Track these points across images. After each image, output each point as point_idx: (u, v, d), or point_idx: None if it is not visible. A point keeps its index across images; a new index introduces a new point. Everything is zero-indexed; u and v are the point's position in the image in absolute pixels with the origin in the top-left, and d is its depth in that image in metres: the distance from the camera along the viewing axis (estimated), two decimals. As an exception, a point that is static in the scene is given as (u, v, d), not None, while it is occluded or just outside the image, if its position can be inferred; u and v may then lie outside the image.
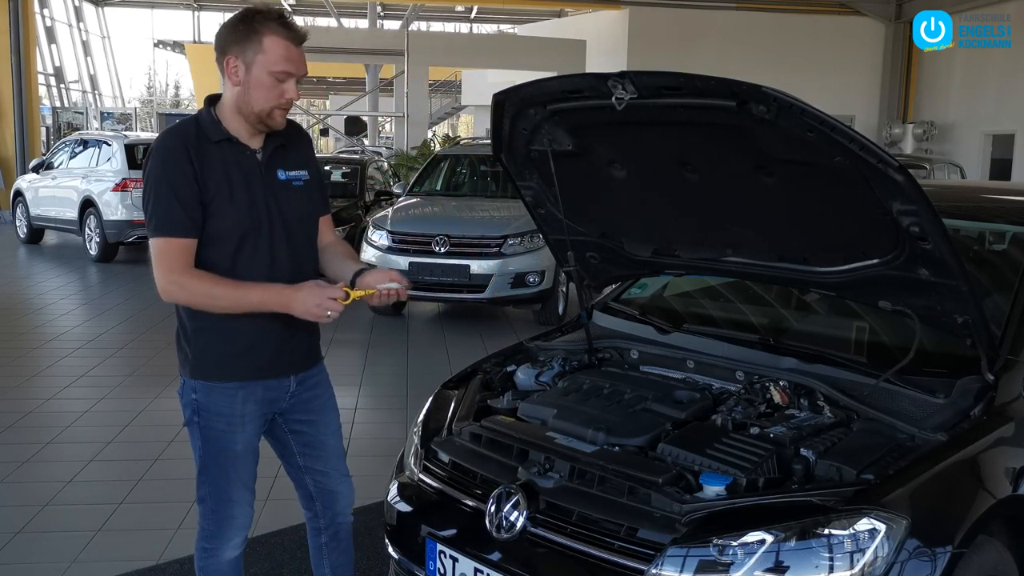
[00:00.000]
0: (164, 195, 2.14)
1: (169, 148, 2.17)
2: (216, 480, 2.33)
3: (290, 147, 2.34)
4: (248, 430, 2.33)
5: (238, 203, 2.20)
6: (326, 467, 2.51)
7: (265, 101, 2.18)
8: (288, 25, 2.18)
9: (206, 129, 2.21)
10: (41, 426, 5.01)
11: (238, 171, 2.22)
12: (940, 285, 2.17)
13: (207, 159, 2.18)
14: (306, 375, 2.42)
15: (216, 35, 2.22)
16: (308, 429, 2.46)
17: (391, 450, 2.73)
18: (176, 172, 2.14)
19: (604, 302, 3.24)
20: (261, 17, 2.16)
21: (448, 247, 7.60)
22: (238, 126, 2.23)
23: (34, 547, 3.52)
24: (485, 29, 35.25)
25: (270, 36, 2.15)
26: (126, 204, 11.22)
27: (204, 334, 2.27)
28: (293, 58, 2.18)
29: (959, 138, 19.54)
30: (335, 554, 2.60)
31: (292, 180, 2.31)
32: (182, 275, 2.16)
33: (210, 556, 2.38)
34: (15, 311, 8.58)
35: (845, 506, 1.89)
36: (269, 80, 2.16)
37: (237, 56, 2.16)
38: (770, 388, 2.48)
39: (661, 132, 2.29)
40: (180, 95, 52.09)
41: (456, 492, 2.35)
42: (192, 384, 2.30)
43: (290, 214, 2.30)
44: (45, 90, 23.45)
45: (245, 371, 2.29)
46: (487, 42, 27.97)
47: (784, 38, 20.77)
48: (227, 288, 2.17)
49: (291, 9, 29.57)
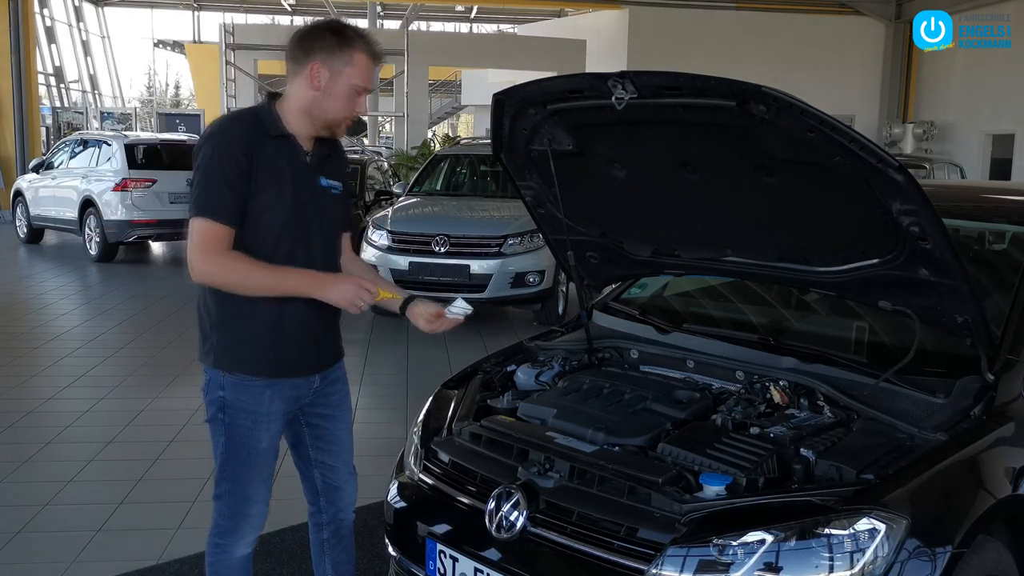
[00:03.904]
0: (216, 180, 2.17)
1: (228, 136, 2.21)
2: (237, 477, 2.35)
3: (333, 157, 2.42)
4: (272, 428, 2.36)
5: (284, 200, 2.25)
6: (336, 462, 2.54)
7: (340, 111, 2.28)
8: (374, 44, 2.30)
9: (265, 123, 2.26)
10: (41, 426, 5.01)
11: (289, 169, 2.27)
12: (940, 285, 2.17)
13: (263, 152, 2.22)
14: (329, 371, 2.47)
15: (296, 38, 2.28)
16: (324, 423, 2.50)
17: (391, 450, 2.73)
18: (231, 161, 2.18)
19: (604, 302, 3.24)
20: (353, 32, 2.26)
21: (448, 247, 7.60)
22: (299, 127, 2.29)
23: (34, 547, 3.52)
24: (485, 29, 35.25)
25: (359, 52, 2.25)
26: (126, 204, 11.23)
27: (230, 324, 2.29)
28: (371, 75, 2.30)
29: (959, 138, 19.54)
30: (336, 551, 2.61)
31: (331, 188, 2.38)
32: (220, 255, 2.18)
33: (222, 552, 2.40)
34: (15, 311, 8.58)
35: (845, 506, 1.89)
36: (349, 92, 2.26)
37: (323, 63, 2.23)
38: (770, 388, 2.48)
39: (661, 132, 2.29)
40: (180, 95, 52.05)
41: (456, 492, 2.35)
42: (220, 381, 2.30)
43: (327, 219, 2.37)
44: (45, 90, 23.44)
45: (270, 367, 2.30)
46: (487, 42, 28.00)
47: (784, 38, 20.78)
48: (265, 269, 2.21)
49: (291, 9, 29.60)
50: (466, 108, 35.53)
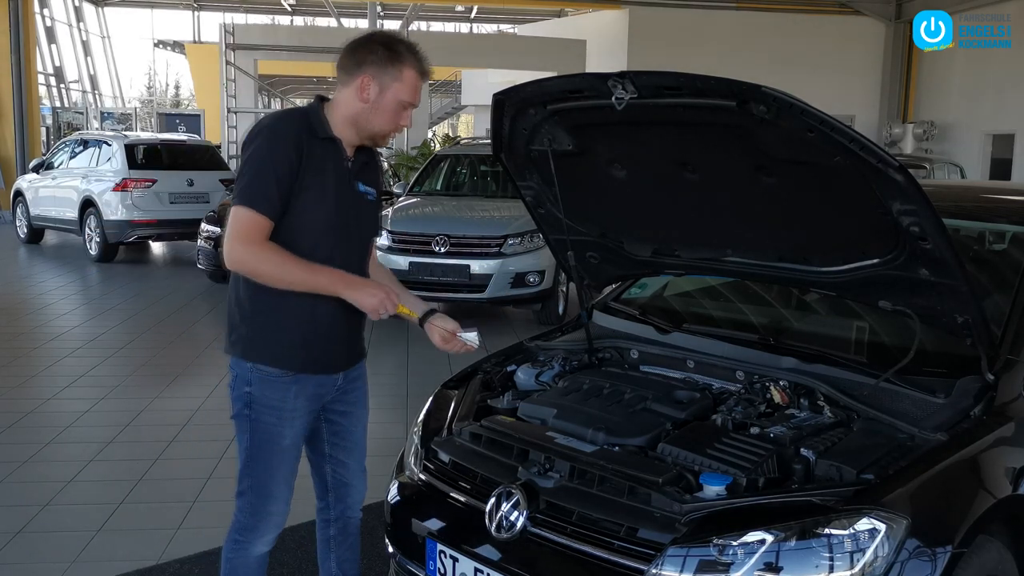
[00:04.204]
0: (266, 173, 2.20)
1: (282, 132, 2.25)
2: (260, 474, 2.38)
3: (371, 165, 2.47)
4: (296, 425, 2.38)
5: (326, 201, 2.28)
6: (348, 459, 2.57)
7: (386, 124, 2.34)
8: (423, 60, 2.34)
9: (314, 124, 2.30)
10: (41, 426, 5.01)
11: (333, 172, 2.31)
12: (940, 285, 2.17)
13: (311, 152, 2.25)
14: (351, 369, 2.50)
15: (349, 49, 2.32)
16: (342, 420, 2.53)
17: (391, 450, 2.74)
18: (282, 157, 2.21)
19: (604, 302, 3.24)
20: (404, 48, 2.30)
21: (448, 247, 7.60)
22: (344, 134, 2.33)
23: (34, 547, 3.52)
24: (485, 29, 35.24)
25: (409, 68, 2.29)
26: (126, 204, 11.24)
27: (262, 317, 2.32)
28: (418, 91, 2.35)
29: (959, 138, 19.52)
30: (342, 549, 2.64)
31: (367, 194, 2.43)
32: (258, 245, 2.21)
33: (240, 549, 2.43)
34: (15, 311, 8.58)
35: (845, 506, 1.89)
36: (396, 107, 2.31)
37: (373, 77, 2.27)
38: (770, 388, 2.48)
39: (661, 132, 2.29)
40: (180, 95, 52.04)
41: (456, 492, 2.35)
42: (247, 377, 2.33)
43: (363, 224, 2.43)
44: (45, 90, 23.44)
45: (299, 362, 2.33)
46: (487, 42, 27.99)
47: (784, 38, 20.75)
48: (299, 263, 2.23)
49: (291, 9, 29.61)
50: (466, 108, 35.50)
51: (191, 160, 12.24)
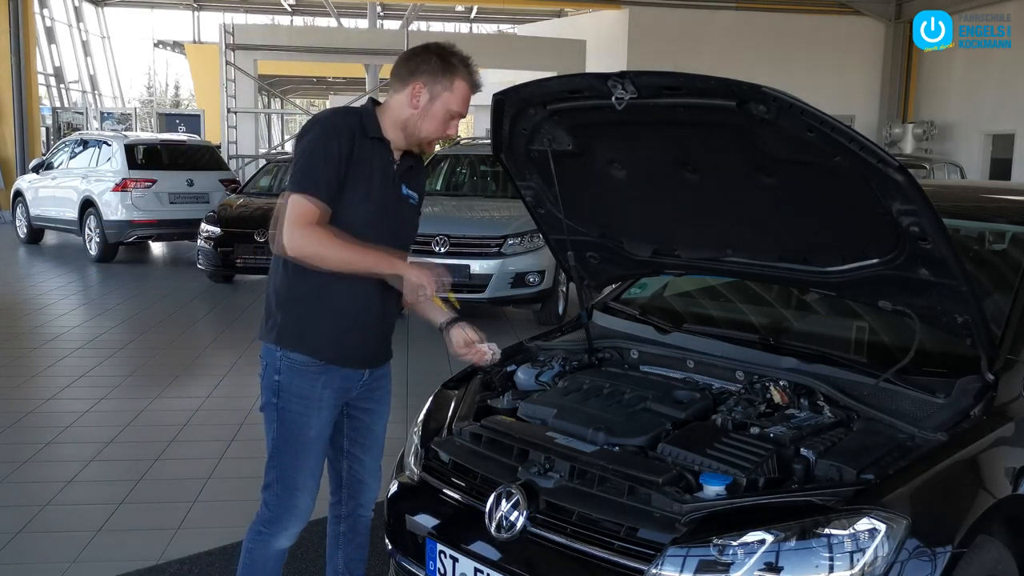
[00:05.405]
0: (320, 161, 2.25)
1: (337, 126, 2.30)
2: (286, 465, 2.41)
3: (415, 170, 2.52)
4: (323, 416, 2.41)
5: (372, 198, 2.34)
6: (365, 456, 2.61)
7: (434, 131, 2.39)
8: (475, 72, 2.40)
9: (366, 123, 2.35)
10: (41, 426, 5.01)
11: (380, 172, 2.36)
12: (940, 285, 2.17)
13: (361, 149, 2.31)
14: (377, 368, 2.54)
15: (404, 58, 2.40)
16: (364, 416, 2.57)
17: (391, 450, 2.74)
18: (335, 148, 2.26)
19: (604, 302, 3.24)
20: (457, 59, 2.36)
21: (448, 247, 7.60)
22: (393, 137, 2.39)
23: (34, 547, 3.52)
24: (485, 29, 35.23)
25: (460, 79, 2.36)
26: (126, 204, 11.24)
27: (300, 304, 2.36)
28: (467, 102, 2.41)
29: (959, 138, 19.51)
30: (351, 547, 2.67)
31: (409, 198, 2.48)
32: (313, 228, 2.24)
33: (263, 541, 2.45)
34: (15, 311, 8.58)
35: (845, 506, 1.89)
36: (445, 116, 2.37)
37: (425, 85, 2.34)
38: (770, 388, 2.48)
39: (661, 132, 2.29)
40: (180, 95, 52.01)
41: (456, 492, 2.35)
42: (276, 366, 2.37)
43: (404, 226, 2.48)
44: (45, 90, 23.43)
45: (329, 352, 2.37)
46: (487, 42, 27.93)
47: (784, 38, 20.75)
48: (350, 241, 2.27)
49: (291, 9, 29.61)
50: (466, 108, 35.44)
51: (191, 160, 12.25)
